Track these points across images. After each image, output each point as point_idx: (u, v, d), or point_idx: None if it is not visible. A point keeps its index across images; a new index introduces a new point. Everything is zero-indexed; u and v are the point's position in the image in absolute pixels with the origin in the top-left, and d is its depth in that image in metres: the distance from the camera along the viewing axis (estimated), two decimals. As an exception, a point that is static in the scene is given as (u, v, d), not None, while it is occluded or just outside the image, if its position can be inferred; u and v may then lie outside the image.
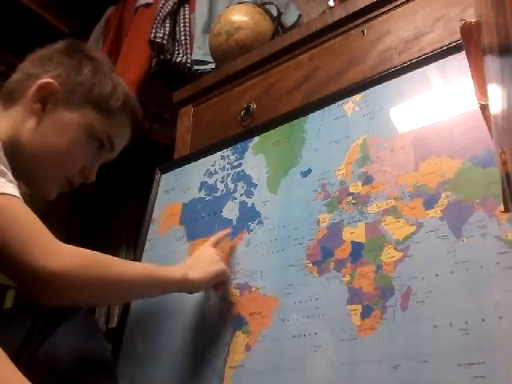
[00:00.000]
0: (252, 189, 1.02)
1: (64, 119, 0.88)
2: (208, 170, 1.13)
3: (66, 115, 0.88)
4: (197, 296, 0.93)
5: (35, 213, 0.70)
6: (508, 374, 0.60)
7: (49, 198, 0.92)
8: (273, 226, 0.94)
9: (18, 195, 0.70)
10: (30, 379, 0.56)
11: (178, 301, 0.96)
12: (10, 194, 0.68)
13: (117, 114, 0.93)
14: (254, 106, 1.17)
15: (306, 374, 0.76)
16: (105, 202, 2.33)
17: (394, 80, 0.92)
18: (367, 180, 0.85)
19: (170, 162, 1.25)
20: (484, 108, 0.56)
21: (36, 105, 0.86)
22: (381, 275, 0.76)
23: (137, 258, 1.12)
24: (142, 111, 1.00)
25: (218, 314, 0.91)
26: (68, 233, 2.23)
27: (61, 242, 0.69)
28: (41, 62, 0.90)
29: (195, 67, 1.62)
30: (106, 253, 0.72)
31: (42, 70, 0.89)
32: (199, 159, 1.17)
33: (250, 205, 1.00)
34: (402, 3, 1.03)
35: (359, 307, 0.75)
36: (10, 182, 0.71)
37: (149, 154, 1.91)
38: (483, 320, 0.64)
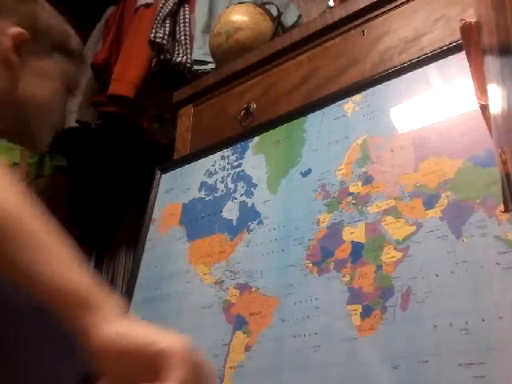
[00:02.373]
0: (252, 189, 1.02)
1: (41, 69, 0.83)
2: (208, 170, 1.13)
3: (41, 64, 0.83)
4: (196, 296, 0.93)
5: (38, 196, 0.64)
6: (508, 374, 0.60)
7: (44, 150, 0.88)
8: (273, 226, 0.94)
9: None
10: None
11: (177, 300, 0.96)
12: None
13: (78, 55, 0.89)
14: (253, 105, 1.17)
15: (306, 373, 0.76)
16: (105, 202, 2.33)
17: (394, 80, 0.92)
18: (367, 180, 0.85)
19: (170, 162, 1.25)
20: (484, 108, 0.56)
21: (13, 56, 0.80)
22: (381, 275, 0.76)
23: (137, 257, 1.12)
24: None
25: (218, 314, 0.91)
26: (67, 231, 2.22)
27: None
28: None
29: (195, 67, 1.61)
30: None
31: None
32: (199, 159, 1.17)
33: (250, 205, 1.00)
34: (402, 3, 1.02)
35: (359, 307, 0.75)
36: None
37: (149, 154, 1.91)
38: (483, 320, 0.64)
